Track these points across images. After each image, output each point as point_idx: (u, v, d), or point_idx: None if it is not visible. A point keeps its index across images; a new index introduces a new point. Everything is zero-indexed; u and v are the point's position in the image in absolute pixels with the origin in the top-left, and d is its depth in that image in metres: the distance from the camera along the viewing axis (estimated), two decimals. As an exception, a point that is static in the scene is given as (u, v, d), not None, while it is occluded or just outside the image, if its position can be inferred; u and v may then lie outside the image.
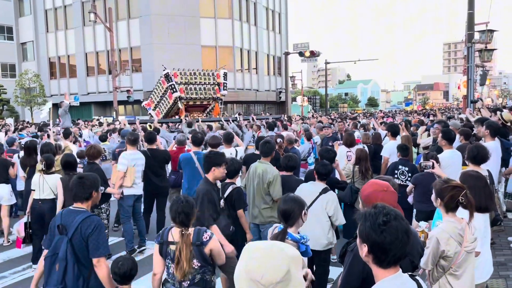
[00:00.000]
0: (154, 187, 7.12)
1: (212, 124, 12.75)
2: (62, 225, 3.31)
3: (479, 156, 4.56)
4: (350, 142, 7.33)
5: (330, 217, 4.48)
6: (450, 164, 5.59)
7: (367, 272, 2.01)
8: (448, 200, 2.93)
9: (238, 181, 5.46)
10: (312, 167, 8.70)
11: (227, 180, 4.98)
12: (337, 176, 5.99)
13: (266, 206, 5.12)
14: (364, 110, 61.54)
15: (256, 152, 6.69)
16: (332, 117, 26.05)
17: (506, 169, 6.62)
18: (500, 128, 6.76)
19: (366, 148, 7.14)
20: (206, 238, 3.19)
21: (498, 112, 8.17)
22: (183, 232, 3.14)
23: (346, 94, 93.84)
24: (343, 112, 49.18)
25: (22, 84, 35.76)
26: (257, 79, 40.46)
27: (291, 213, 3.11)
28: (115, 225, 7.83)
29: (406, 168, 6.16)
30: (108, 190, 6.35)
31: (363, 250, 1.89)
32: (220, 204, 4.58)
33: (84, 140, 12.63)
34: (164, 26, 33.92)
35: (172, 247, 3.18)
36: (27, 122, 26.50)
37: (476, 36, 14.60)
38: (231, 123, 12.09)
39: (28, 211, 6.29)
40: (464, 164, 5.45)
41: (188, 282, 3.18)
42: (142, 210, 7.25)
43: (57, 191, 5.87)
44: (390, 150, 7.11)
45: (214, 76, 17.64)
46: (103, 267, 3.25)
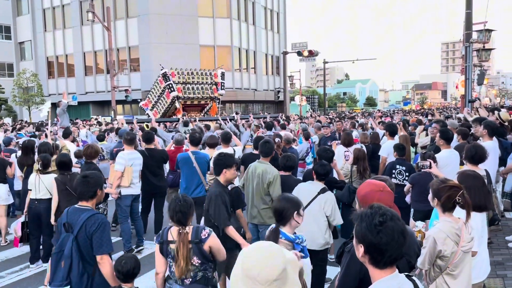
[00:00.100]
0: (152, 186, 7.12)
1: (210, 124, 12.74)
2: (68, 223, 3.40)
3: (477, 155, 4.57)
4: (348, 142, 7.33)
5: (327, 217, 4.47)
6: (448, 164, 5.60)
7: (364, 272, 2.01)
8: (445, 200, 2.93)
9: (236, 181, 5.45)
10: (310, 166, 8.70)
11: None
12: (335, 175, 5.98)
13: (266, 206, 5.08)
14: (363, 109, 61.54)
15: (254, 152, 6.68)
16: (331, 116, 26.04)
17: (504, 168, 6.63)
18: (497, 128, 6.77)
19: (364, 148, 7.13)
20: (205, 235, 3.21)
21: (496, 112, 8.18)
22: (180, 231, 3.18)
23: (345, 94, 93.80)
24: (341, 111, 49.17)
25: (20, 84, 35.70)
26: (255, 78, 40.45)
27: (282, 212, 3.11)
28: (112, 225, 7.81)
29: (404, 168, 6.16)
30: (106, 190, 6.34)
31: (360, 251, 1.89)
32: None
33: (81, 139, 12.60)
34: (163, 25, 33.87)
35: (172, 246, 3.21)
36: (25, 122, 26.46)
37: (474, 35, 14.61)
38: (228, 122, 12.07)
39: (25, 211, 6.28)
40: (461, 163, 5.46)
41: (190, 280, 3.22)
42: (140, 210, 7.25)
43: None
44: (388, 149, 7.10)
45: (211, 76, 17.61)
46: (107, 264, 3.33)
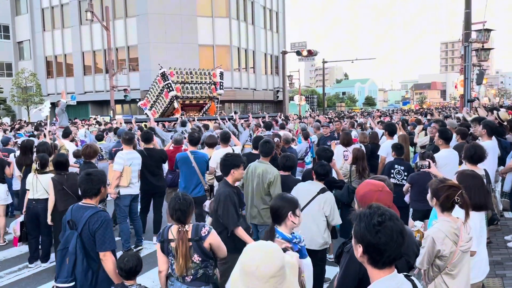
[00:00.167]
0: (151, 186, 7.11)
1: (209, 124, 12.72)
2: (72, 220, 3.46)
3: (476, 155, 4.57)
4: (347, 142, 7.33)
5: (326, 217, 4.47)
6: (447, 163, 5.60)
7: (363, 272, 2.01)
8: (444, 200, 2.92)
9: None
10: (309, 166, 8.69)
11: (225, 180, 4.95)
12: (334, 175, 5.98)
13: (266, 206, 5.03)
14: (362, 109, 61.56)
15: (254, 152, 6.67)
16: (330, 116, 26.04)
17: (503, 168, 6.63)
18: (497, 128, 6.77)
19: (363, 148, 7.13)
20: (205, 232, 3.23)
21: (495, 111, 8.19)
22: (179, 229, 3.21)
23: (344, 94, 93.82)
24: (340, 111, 49.19)
25: (18, 83, 35.66)
26: (254, 78, 40.45)
27: (277, 211, 3.10)
28: (111, 224, 7.79)
29: (402, 167, 6.16)
30: (105, 189, 6.32)
31: (358, 251, 1.89)
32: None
33: (79, 139, 12.58)
34: (162, 25, 33.84)
35: (173, 245, 3.24)
36: (24, 122, 26.42)
37: (473, 35, 14.62)
38: (227, 122, 12.05)
39: (24, 211, 6.27)
40: (460, 163, 5.46)
41: (191, 277, 3.24)
42: (139, 210, 7.24)
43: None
44: (387, 149, 7.09)
45: (210, 75, 17.59)
46: (109, 261, 3.40)
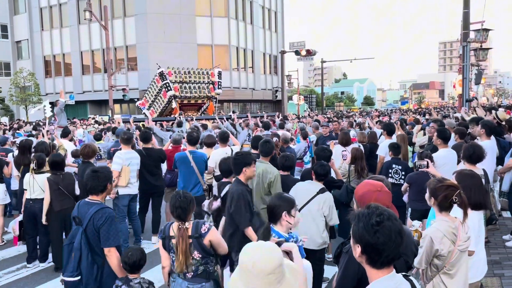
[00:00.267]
0: (150, 186, 7.10)
1: (207, 123, 12.72)
2: (78, 216, 3.53)
3: (474, 155, 4.57)
4: (345, 141, 7.34)
5: (325, 216, 4.47)
6: (445, 163, 5.60)
7: (362, 272, 2.01)
8: (442, 199, 2.93)
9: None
10: (308, 166, 8.69)
11: (224, 180, 4.96)
12: (332, 175, 5.98)
13: (265, 206, 5.03)
14: (360, 108, 61.57)
15: (253, 151, 6.66)
16: (328, 115, 26.04)
17: (501, 167, 6.64)
18: (495, 127, 6.79)
19: (362, 147, 7.14)
20: (205, 230, 3.27)
21: (493, 111, 8.21)
22: (179, 226, 3.25)
23: (342, 93, 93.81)
24: (339, 111, 49.18)
25: (17, 83, 35.57)
26: (253, 77, 40.43)
27: (272, 209, 3.11)
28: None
29: (400, 167, 6.18)
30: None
31: (357, 251, 1.89)
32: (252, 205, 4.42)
33: (78, 139, 12.56)
34: (160, 24, 33.80)
35: (174, 241, 3.27)
36: (23, 121, 26.37)
37: (472, 35, 14.62)
38: (225, 121, 12.05)
39: (22, 210, 6.26)
40: (458, 162, 5.46)
41: (192, 273, 3.27)
42: (138, 210, 7.23)
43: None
44: (386, 149, 7.10)
45: (208, 75, 17.56)
46: (114, 257, 3.47)
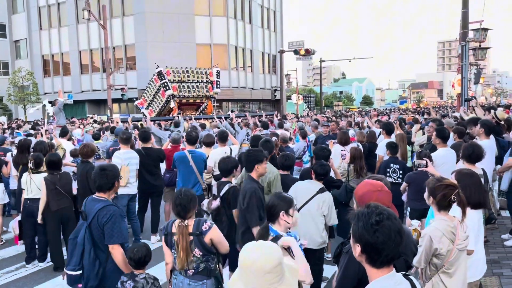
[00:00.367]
0: (149, 186, 7.10)
1: (206, 123, 12.71)
2: (85, 212, 3.60)
3: (474, 154, 4.58)
4: (344, 141, 7.34)
5: (324, 216, 4.47)
6: (444, 162, 5.61)
7: (363, 272, 2.01)
8: (441, 199, 2.93)
9: (234, 180, 5.42)
10: (307, 165, 8.70)
11: (223, 179, 4.95)
12: (331, 174, 5.98)
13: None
14: (359, 108, 61.58)
15: (251, 151, 6.65)
16: (327, 115, 26.04)
17: (500, 167, 6.65)
18: (494, 127, 6.80)
19: (361, 147, 7.14)
20: (206, 228, 3.30)
21: (492, 111, 8.21)
22: (179, 224, 3.29)
23: (341, 93, 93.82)
24: (338, 110, 49.16)
25: (15, 82, 35.50)
26: (252, 77, 40.43)
27: (270, 208, 3.12)
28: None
29: (397, 166, 6.19)
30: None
31: (356, 250, 1.89)
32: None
33: (76, 138, 12.53)
34: (159, 24, 33.78)
35: (175, 238, 3.31)
36: (21, 121, 26.33)
37: (470, 34, 14.61)
38: (223, 120, 12.04)
39: (22, 210, 6.25)
40: (457, 162, 5.46)
41: (193, 271, 3.30)
42: (137, 209, 7.22)
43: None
44: (385, 148, 7.11)
45: (207, 74, 17.54)
46: (118, 254, 3.52)
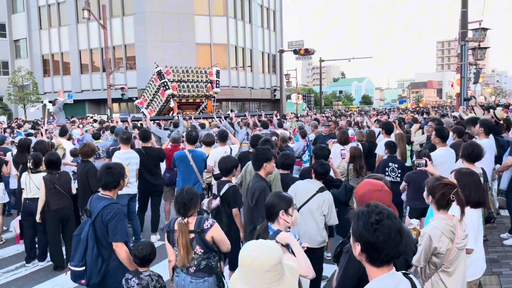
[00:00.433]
0: (149, 185, 7.11)
1: (205, 123, 12.71)
2: (89, 209, 3.63)
3: (473, 154, 4.59)
4: (344, 140, 7.35)
5: (324, 215, 4.48)
6: (444, 162, 5.62)
7: (363, 272, 2.02)
8: (440, 198, 2.95)
9: (234, 179, 5.43)
10: (306, 165, 8.72)
11: (223, 178, 4.96)
12: (331, 174, 5.99)
13: None
14: (359, 107, 61.58)
15: (251, 150, 6.67)
16: (326, 114, 26.05)
17: (499, 166, 6.66)
18: (493, 126, 6.81)
19: (360, 146, 7.15)
20: (207, 225, 3.32)
21: (491, 110, 8.23)
22: (180, 221, 3.32)
23: (341, 92, 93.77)
24: (337, 109, 49.16)
25: (15, 82, 35.49)
26: (251, 77, 40.43)
27: (269, 208, 3.12)
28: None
29: (396, 165, 6.21)
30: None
31: (356, 249, 1.90)
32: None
33: (76, 138, 12.54)
34: (159, 23, 33.78)
35: (176, 235, 3.33)
36: (21, 120, 26.32)
37: (470, 34, 14.63)
38: (223, 120, 12.04)
39: (21, 210, 6.25)
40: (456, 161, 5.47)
41: (194, 268, 3.33)
42: (137, 209, 7.23)
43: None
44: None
45: (206, 74, 17.52)
46: (122, 251, 3.55)
